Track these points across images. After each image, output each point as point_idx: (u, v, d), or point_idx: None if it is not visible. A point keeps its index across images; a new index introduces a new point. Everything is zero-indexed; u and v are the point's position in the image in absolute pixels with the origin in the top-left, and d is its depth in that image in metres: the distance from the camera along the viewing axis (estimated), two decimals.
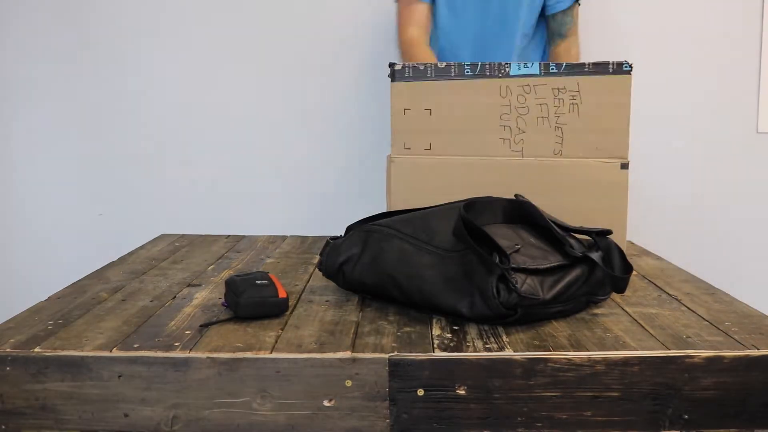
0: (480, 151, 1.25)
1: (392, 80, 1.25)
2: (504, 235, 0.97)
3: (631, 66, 1.22)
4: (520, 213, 1.04)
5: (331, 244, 1.11)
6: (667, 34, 2.16)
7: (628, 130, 1.23)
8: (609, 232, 1.02)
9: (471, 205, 1.00)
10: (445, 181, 1.25)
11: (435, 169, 1.26)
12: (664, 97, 2.17)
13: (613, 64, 1.22)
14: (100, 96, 2.22)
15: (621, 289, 0.97)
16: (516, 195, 1.09)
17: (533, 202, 1.05)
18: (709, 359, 0.83)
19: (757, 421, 0.84)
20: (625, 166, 1.20)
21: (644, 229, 2.20)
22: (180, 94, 2.22)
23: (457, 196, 1.22)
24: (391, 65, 1.26)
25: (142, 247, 1.48)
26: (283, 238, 1.55)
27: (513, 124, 1.24)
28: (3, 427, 0.86)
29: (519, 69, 1.21)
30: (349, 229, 1.12)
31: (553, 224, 1.00)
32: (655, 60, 2.17)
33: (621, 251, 0.99)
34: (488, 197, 1.05)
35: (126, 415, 0.84)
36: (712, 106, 2.17)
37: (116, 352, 0.85)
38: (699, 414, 0.84)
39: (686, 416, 0.84)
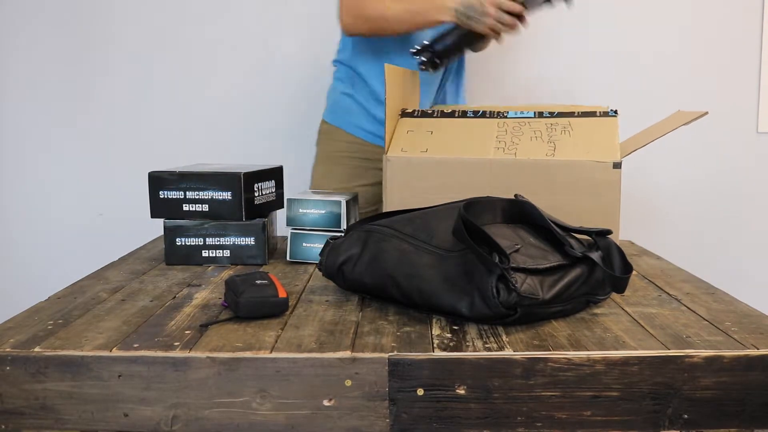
0: (475, 152, 1.27)
1: (401, 117, 1.38)
2: (504, 235, 0.97)
3: (615, 112, 1.32)
4: (520, 213, 1.04)
5: (331, 244, 1.11)
6: (667, 34, 2.16)
7: (618, 146, 1.24)
8: (609, 232, 1.02)
9: (471, 205, 1.00)
10: (440, 181, 1.26)
11: (430, 168, 1.27)
12: (664, 97, 2.17)
13: (599, 111, 1.33)
14: (101, 95, 2.22)
15: (621, 289, 0.97)
16: (516, 195, 1.09)
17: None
18: (708, 359, 0.83)
19: (756, 420, 0.84)
20: (617, 165, 1.21)
21: (644, 229, 2.20)
22: (181, 94, 2.22)
23: (452, 195, 1.23)
24: (403, 110, 1.39)
25: (142, 247, 1.48)
26: (284, 238, 1.55)
27: (508, 140, 1.29)
28: (3, 426, 0.86)
29: (516, 114, 1.35)
30: (349, 229, 1.12)
31: (552, 224, 1.00)
32: (654, 60, 2.17)
33: (621, 251, 0.99)
34: (488, 197, 1.05)
35: (126, 415, 0.84)
36: (712, 106, 2.17)
37: (116, 352, 0.85)
38: (699, 414, 0.84)
39: (686, 416, 0.84)
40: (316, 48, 2.15)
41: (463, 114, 1.37)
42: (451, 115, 1.37)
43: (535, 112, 1.35)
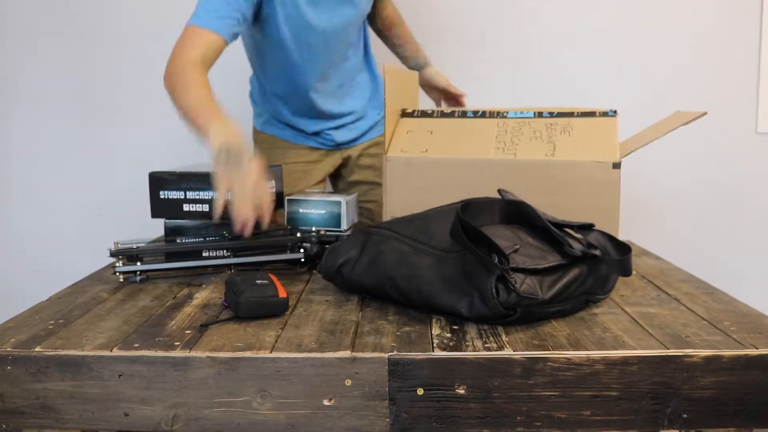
0: (474, 152, 1.27)
1: (401, 117, 1.38)
2: (502, 236, 0.97)
3: (615, 112, 1.31)
4: (517, 213, 1.04)
5: (331, 245, 1.11)
6: (667, 34, 2.16)
7: (618, 146, 1.24)
8: (591, 225, 1.02)
9: (468, 205, 1.00)
10: (440, 181, 1.26)
11: (430, 168, 1.27)
12: (664, 97, 2.17)
13: (598, 112, 1.33)
14: (101, 95, 2.22)
15: (628, 271, 0.97)
16: (499, 190, 1.09)
17: (527, 202, 1.05)
18: (707, 358, 0.83)
19: (755, 420, 0.84)
20: (617, 165, 1.21)
21: (644, 229, 2.20)
22: None
23: (452, 195, 1.23)
24: (403, 110, 1.38)
25: None
26: None
27: (508, 140, 1.29)
28: (4, 426, 0.86)
29: (515, 114, 1.36)
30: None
31: (550, 224, 1.00)
32: (654, 60, 2.17)
33: (609, 235, 1.00)
34: (486, 198, 1.05)
35: (126, 415, 0.85)
36: (711, 107, 2.17)
37: (116, 352, 0.85)
38: (698, 413, 0.84)
39: (685, 415, 0.84)
40: None
41: (463, 114, 1.37)
42: (451, 115, 1.37)
43: (534, 112, 1.35)
